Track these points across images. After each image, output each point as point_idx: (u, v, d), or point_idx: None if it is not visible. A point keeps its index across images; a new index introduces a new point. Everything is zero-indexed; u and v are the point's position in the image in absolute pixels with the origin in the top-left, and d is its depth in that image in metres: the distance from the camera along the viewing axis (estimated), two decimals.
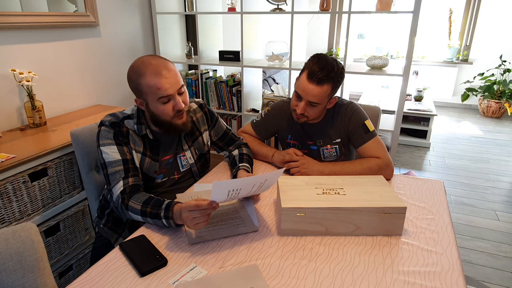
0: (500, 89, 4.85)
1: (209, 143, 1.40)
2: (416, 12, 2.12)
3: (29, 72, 1.72)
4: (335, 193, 1.06)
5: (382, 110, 1.55)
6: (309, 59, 1.30)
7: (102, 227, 1.29)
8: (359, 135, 1.36)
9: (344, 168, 1.30)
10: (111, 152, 1.12)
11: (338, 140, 1.43)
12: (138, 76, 1.11)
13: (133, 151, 1.17)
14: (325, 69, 1.25)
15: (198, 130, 1.34)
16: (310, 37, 5.70)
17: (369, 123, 1.37)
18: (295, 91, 1.33)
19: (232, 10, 2.65)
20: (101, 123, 1.16)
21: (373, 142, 1.34)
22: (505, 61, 4.84)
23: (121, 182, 1.10)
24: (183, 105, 1.14)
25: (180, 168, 1.30)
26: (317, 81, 1.25)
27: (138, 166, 1.17)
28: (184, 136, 1.30)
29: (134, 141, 1.18)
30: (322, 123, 1.44)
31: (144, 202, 1.05)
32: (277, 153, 1.42)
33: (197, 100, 1.38)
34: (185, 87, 1.17)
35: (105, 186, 1.31)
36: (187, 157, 1.31)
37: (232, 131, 1.47)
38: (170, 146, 1.27)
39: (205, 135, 1.37)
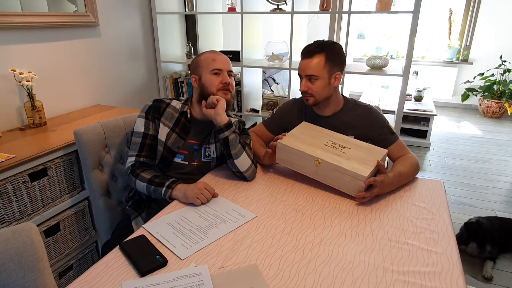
0: (500, 89, 4.85)
1: None
2: (416, 12, 2.12)
3: (29, 72, 1.72)
4: (341, 147, 1.29)
5: (382, 110, 1.57)
6: None
7: (126, 207, 1.40)
8: (386, 137, 1.40)
9: (401, 170, 1.29)
10: (139, 124, 1.34)
11: (352, 137, 1.43)
12: (199, 55, 1.36)
13: (161, 124, 1.34)
14: (316, 43, 1.38)
15: None
16: (310, 37, 5.69)
17: (391, 125, 1.43)
18: (298, 75, 1.43)
19: (232, 10, 2.65)
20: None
21: (399, 142, 1.41)
22: (505, 61, 4.84)
23: (134, 157, 1.30)
24: (229, 82, 1.32)
25: (202, 158, 1.38)
26: (309, 54, 1.36)
27: (163, 141, 1.33)
28: (215, 131, 1.35)
29: (167, 116, 1.35)
30: (332, 118, 1.46)
31: (155, 176, 1.25)
32: (266, 153, 1.43)
33: (240, 118, 1.49)
34: (233, 77, 1.38)
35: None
36: (211, 151, 1.40)
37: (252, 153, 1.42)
38: (200, 134, 1.38)
39: None
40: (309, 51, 1.36)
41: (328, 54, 1.35)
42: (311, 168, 1.27)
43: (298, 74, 1.43)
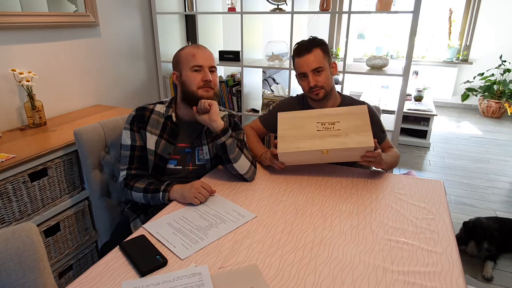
0: (500, 89, 4.85)
1: None
2: (416, 12, 2.12)
3: (29, 72, 1.72)
4: (331, 124, 1.31)
5: (382, 110, 1.58)
6: (293, 49, 1.48)
7: (125, 209, 1.38)
8: (378, 135, 1.44)
9: (386, 153, 1.44)
10: (125, 137, 1.30)
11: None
12: (180, 50, 1.30)
13: (148, 133, 1.29)
14: (307, 41, 1.43)
15: None
16: None
17: (382, 122, 1.51)
18: (299, 76, 1.45)
19: (232, 10, 2.65)
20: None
21: (387, 140, 1.53)
22: (505, 61, 4.84)
23: (125, 171, 1.28)
24: (211, 79, 1.26)
25: (196, 161, 1.36)
26: (308, 50, 1.40)
27: (153, 149, 1.29)
28: (206, 131, 1.34)
29: (152, 124, 1.31)
30: None
31: (149, 183, 1.24)
32: (265, 152, 1.45)
33: (229, 111, 1.45)
34: (216, 73, 1.31)
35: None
36: (204, 152, 1.36)
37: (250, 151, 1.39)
38: (190, 136, 1.35)
39: None
40: (306, 48, 1.40)
41: (322, 47, 1.42)
42: (319, 157, 1.32)
43: (301, 73, 1.43)
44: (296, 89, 2.65)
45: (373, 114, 1.46)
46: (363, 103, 1.51)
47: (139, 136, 1.30)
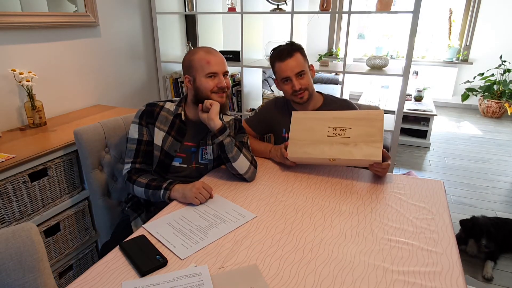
0: (500, 89, 4.85)
1: None
2: (416, 12, 2.12)
3: (29, 72, 1.72)
4: (342, 131, 1.31)
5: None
6: (270, 56, 1.50)
7: (126, 208, 1.38)
8: None
9: None
10: (133, 130, 1.32)
11: None
12: (192, 54, 1.30)
13: (156, 129, 1.31)
14: (285, 47, 1.45)
15: None
16: (310, 37, 5.69)
17: None
18: (282, 81, 1.47)
19: (232, 10, 2.65)
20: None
21: None
22: (505, 61, 4.84)
23: (130, 164, 1.29)
24: (225, 85, 1.29)
25: (199, 159, 1.38)
26: (290, 54, 1.42)
27: (159, 145, 1.30)
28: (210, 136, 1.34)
29: (161, 120, 1.32)
30: None
31: (152, 179, 1.25)
32: (273, 148, 1.49)
33: (237, 114, 1.47)
34: (228, 76, 1.35)
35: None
36: (208, 152, 1.38)
37: (251, 152, 1.40)
38: (196, 136, 1.37)
39: None
40: (288, 53, 1.42)
41: (301, 51, 1.46)
42: (327, 162, 1.35)
43: (284, 77, 1.44)
44: None
45: (354, 107, 1.52)
46: (345, 101, 1.55)
47: (147, 130, 1.32)
